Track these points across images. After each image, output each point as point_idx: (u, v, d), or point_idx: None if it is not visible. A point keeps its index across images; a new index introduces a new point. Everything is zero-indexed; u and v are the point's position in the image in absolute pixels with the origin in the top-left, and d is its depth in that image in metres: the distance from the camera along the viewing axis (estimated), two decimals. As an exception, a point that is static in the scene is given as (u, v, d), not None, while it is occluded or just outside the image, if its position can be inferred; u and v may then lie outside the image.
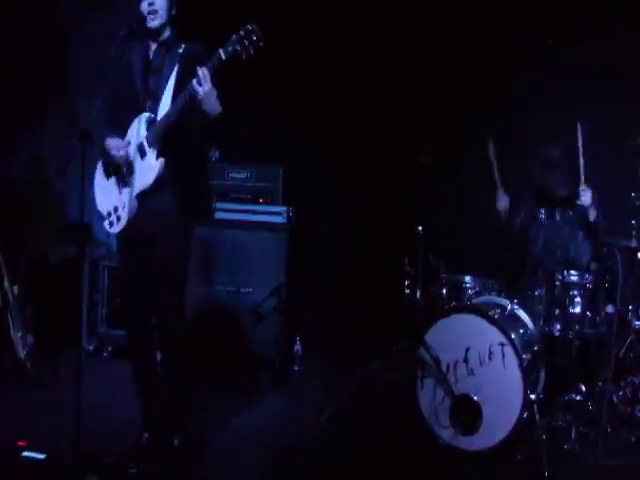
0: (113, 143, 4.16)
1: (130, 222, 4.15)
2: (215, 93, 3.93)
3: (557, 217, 5.22)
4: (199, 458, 4.31)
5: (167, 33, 4.17)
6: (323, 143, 6.25)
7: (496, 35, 5.91)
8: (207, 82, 3.86)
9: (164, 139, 4.06)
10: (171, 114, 4.01)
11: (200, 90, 3.87)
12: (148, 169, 4.09)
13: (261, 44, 3.77)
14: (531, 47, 5.72)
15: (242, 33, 3.78)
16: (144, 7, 4.06)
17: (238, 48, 3.78)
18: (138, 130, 4.11)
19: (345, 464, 4.38)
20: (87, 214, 3.98)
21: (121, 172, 4.19)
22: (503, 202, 5.34)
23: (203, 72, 3.85)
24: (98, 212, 4.31)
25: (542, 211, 5.22)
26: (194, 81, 3.87)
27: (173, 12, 4.15)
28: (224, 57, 3.83)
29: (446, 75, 6.00)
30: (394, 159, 6.04)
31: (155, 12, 4.06)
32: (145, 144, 4.09)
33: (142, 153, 4.11)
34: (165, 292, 4.16)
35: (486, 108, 5.86)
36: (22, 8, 6.05)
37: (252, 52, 3.77)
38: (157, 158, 4.07)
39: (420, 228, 5.32)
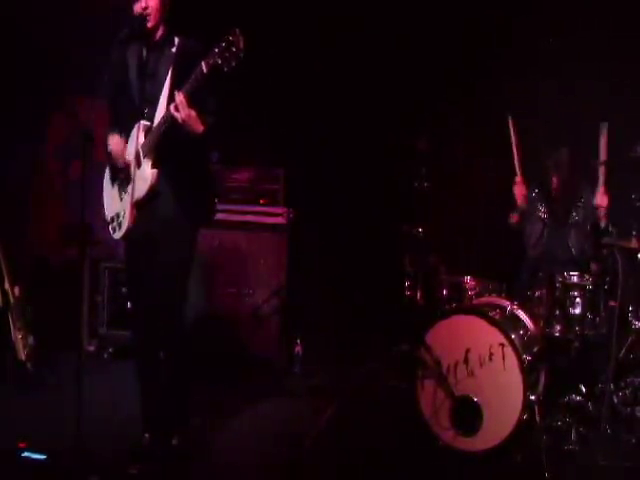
0: (113, 141, 4.17)
1: (131, 229, 4.16)
2: (194, 115, 3.90)
3: (559, 218, 5.22)
4: (199, 459, 4.31)
5: (160, 33, 4.14)
6: (324, 145, 6.26)
7: (496, 34, 5.92)
8: (184, 108, 3.86)
9: (158, 150, 4.05)
10: (157, 129, 4.00)
11: (177, 116, 3.87)
12: (143, 179, 4.09)
13: (241, 55, 3.69)
14: (533, 45, 5.73)
15: (223, 44, 3.72)
16: (137, 9, 4.05)
17: (219, 61, 3.73)
18: (136, 138, 4.10)
19: (345, 465, 4.38)
20: (88, 215, 4.01)
21: (121, 179, 4.21)
22: (520, 189, 5.18)
23: (179, 98, 3.85)
24: (104, 216, 4.33)
25: (543, 211, 5.22)
26: (172, 107, 3.88)
27: (166, 10, 4.10)
28: (206, 71, 3.79)
29: (446, 75, 6.01)
30: (394, 160, 6.05)
31: (148, 14, 4.04)
32: (141, 153, 4.09)
33: (138, 162, 4.11)
34: (168, 294, 4.17)
35: (487, 108, 5.87)
36: (22, 8, 6.05)
37: (233, 64, 3.71)
38: (152, 168, 4.07)
39: (420, 229, 5.33)
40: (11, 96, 6.01)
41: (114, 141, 4.19)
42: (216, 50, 3.74)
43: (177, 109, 3.87)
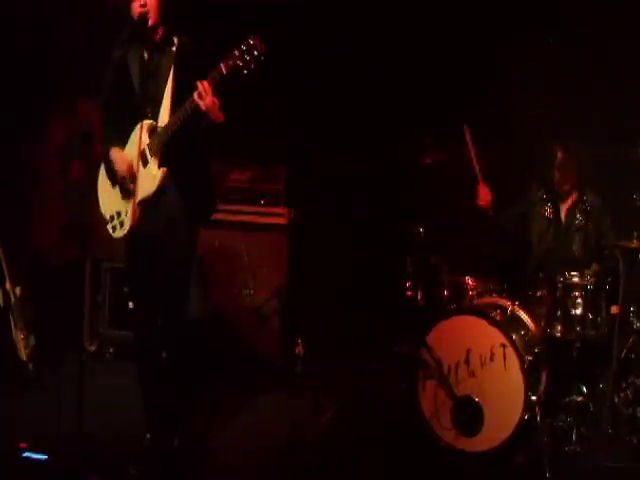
0: (117, 156, 4.17)
1: (134, 227, 4.15)
2: (217, 104, 3.95)
3: (562, 218, 5.21)
4: (200, 458, 4.31)
5: (160, 33, 4.15)
6: (325, 145, 6.25)
7: (496, 35, 5.92)
8: (209, 95, 3.88)
9: (166, 148, 4.06)
10: (172, 125, 4.01)
11: (202, 104, 3.89)
12: (150, 178, 4.09)
13: (263, 58, 3.78)
14: (532, 47, 5.73)
15: (243, 47, 3.79)
16: (136, 7, 4.05)
17: (239, 63, 3.79)
18: (139, 137, 4.09)
19: (345, 465, 4.38)
20: (89, 214, 4.00)
21: (123, 178, 4.19)
22: (484, 196, 5.22)
23: (204, 86, 3.87)
24: (102, 215, 4.31)
25: (549, 212, 5.21)
26: (195, 94, 3.89)
27: (164, 9, 4.11)
28: (225, 72, 3.84)
29: (447, 76, 6.01)
30: (395, 160, 6.04)
31: (147, 11, 4.04)
32: (147, 152, 4.09)
33: (144, 161, 4.10)
34: (170, 294, 4.17)
35: (487, 107, 5.87)
36: (22, 8, 6.05)
37: (253, 67, 3.79)
38: (159, 167, 4.07)
39: (421, 229, 5.32)
40: (11, 96, 6.00)
41: (120, 159, 4.17)
42: (236, 53, 3.80)
43: (201, 97, 3.88)
